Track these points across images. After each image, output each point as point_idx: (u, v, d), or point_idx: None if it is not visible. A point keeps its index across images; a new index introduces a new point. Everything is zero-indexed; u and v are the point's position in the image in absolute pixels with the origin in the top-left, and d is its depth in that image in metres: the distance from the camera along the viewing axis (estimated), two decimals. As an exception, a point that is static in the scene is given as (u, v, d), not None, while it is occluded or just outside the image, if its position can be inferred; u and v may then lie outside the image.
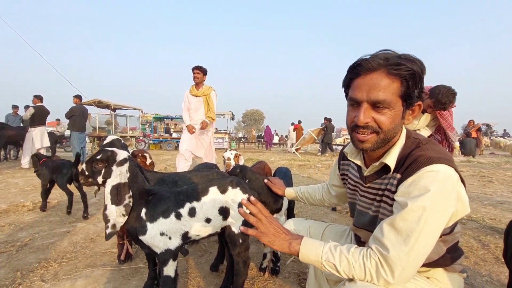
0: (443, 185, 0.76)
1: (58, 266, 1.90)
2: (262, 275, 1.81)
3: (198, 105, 4.13)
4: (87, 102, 11.32)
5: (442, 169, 0.78)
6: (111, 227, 1.19)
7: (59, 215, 3.03)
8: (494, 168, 7.52)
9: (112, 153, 1.23)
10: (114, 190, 1.19)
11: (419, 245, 0.76)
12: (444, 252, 0.90)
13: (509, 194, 4.29)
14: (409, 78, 0.83)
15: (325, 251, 0.86)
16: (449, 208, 0.78)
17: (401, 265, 0.77)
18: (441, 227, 0.79)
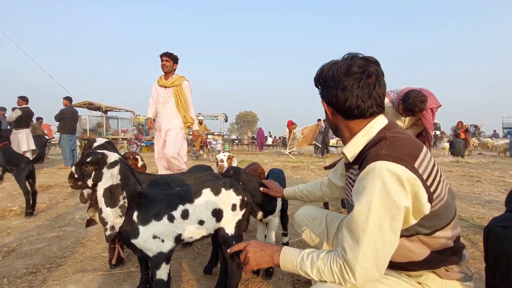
0: (385, 182, 0.77)
1: (47, 271, 1.86)
2: (256, 277, 1.80)
3: (167, 98, 3.48)
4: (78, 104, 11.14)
5: (384, 166, 0.78)
6: (110, 229, 1.17)
7: (48, 220, 2.97)
8: (482, 168, 7.70)
9: (102, 156, 1.21)
10: (107, 192, 1.17)
11: (373, 243, 0.77)
12: (428, 253, 0.88)
13: (497, 193, 4.39)
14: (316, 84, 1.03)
15: (299, 261, 0.90)
16: (398, 203, 0.77)
17: (360, 266, 0.78)
18: (393, 223, 0.78)
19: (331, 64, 0.95)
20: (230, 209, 1.38)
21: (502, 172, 6.70)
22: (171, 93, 3.47)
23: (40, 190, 4.41)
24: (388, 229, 0.77)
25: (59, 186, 4.69)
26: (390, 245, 0.79)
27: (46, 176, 5.92)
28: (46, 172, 6.52)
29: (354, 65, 0.90)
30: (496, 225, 0.87)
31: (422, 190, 0.79)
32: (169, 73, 3.49)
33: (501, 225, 0.86)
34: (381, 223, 0.77)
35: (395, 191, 0.77)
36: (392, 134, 0.90)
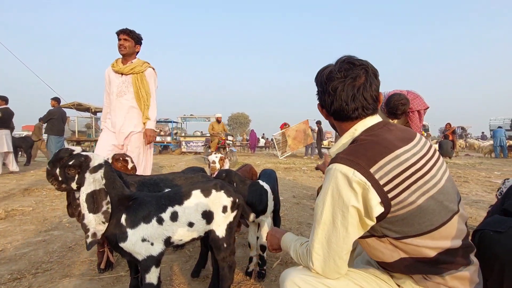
0: (336, 182, 0.84)
1: (33, 277, 1.80)
2: (248, 279, 1.79)
3: (124, 88, 2.61)
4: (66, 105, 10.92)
5: (338, 168, 0.84)
6: (92, 236, 1.13)
7: (34, 223, 2.88)
8: (469, 168, 7.88)
9: (85, 159, 1.17)
10: (90, 198, 1.14)
11: (325, 234, 0.86)
12: (400, 257, 0.87)
13: (483, 193, 4.49)
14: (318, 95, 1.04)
15: (292, 245, 1.04)
16: (346, 202, 0.82)
17: (315, 252, 0.88)
18: (344, 219, 0.83)
19: (322, 69, 1.00)
20: (221, 211, 1.36)
21: (488, 173, 6.87)
22: (130, 82, 2.61)
23: (26, 193, 4.30)
24: (339, 224, 0.84)
25: (46, 189, 4.57)
26: (342, 239, 0.84)
27: (33, 178, 5.76)
28: (33, 174, 6.35)
29: (337, 70, 0.93)
30: (489, 229, 0.87)
31: (373, 193, 0.80)
32: (129, 56, 2.63)
33: (493, 229, 0.87)
34: (334, 218, 0.85)
35: (344, 191, 0.82)
36: (364, 137, 0.92)
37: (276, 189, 2.13)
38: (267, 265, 1.88)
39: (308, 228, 2.81)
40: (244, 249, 2.24)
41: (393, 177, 0.81)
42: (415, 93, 2.78)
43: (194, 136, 15.36)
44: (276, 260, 2.04)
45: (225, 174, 1.71)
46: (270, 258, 2.08)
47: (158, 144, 14.64)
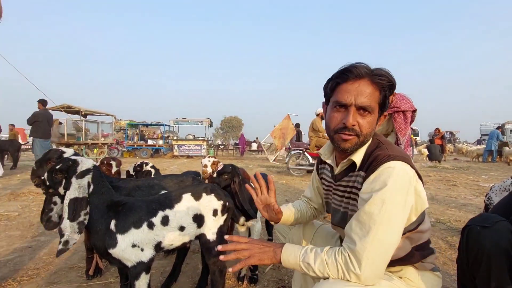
0: (399, 179, 0.83)
1: (17, 285, 1.74)
2: (240, 284, 1.77)
3: None
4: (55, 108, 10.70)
5: (398, 165, 0.85)
6: (63, 243, 1.09)
7: (19, 229, 2.80)
8: (458, 172, 8.04)
9: (73, 163, 1.14)
10: (72, 204, 1.10)
11: (382, 235, 0.81)
12: (411, 249, 0.95)
13: (472, 197, 4.59)
14: (387, 88, 0.92)
15: (302, 253, 0.91)
16: (408, 200, 0.84)
17: (367, 257, 0.80)
18: (402, 218, 0.84)
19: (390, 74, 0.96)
20: (211, 215, 1.35)
21: (476, 177, 7.02)
22: None
23: (12, 197, 4.18)
24: (396, 222, 0.83)
25: (32, 193, 4.45)
26: (394, 238, 0.83)
27: (19, 182, 5.61)
28: (19, 178, 6.18)
29: None
30: (476, 225, 0.89)
31: (420, 185, 0.88)
32: None
33: (480, 225, 0.89)
34: (392, 216, 0.81)
35: (405, 187, 0.84)
36: (383, 139, 0.98)
37: None
38: (259, 269, 1.86)
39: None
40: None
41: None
42: (402, 94, 2.76)
43: (186, 139, 15.23)
44: (269, 265, 2.03)
45: (232, 167, 1.70)
46: (262, 262, 2.06)
47: (149, 148, 14.48)
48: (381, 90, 0.92)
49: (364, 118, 0.92)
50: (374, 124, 0.95)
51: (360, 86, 0.91)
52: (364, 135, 0.94)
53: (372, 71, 0.91)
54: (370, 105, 0.91)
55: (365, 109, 0.91)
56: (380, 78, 0.90)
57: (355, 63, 0.93)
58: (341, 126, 0.94)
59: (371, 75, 0.91)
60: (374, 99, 0.92)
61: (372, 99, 0.91)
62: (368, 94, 0.90)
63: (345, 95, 0.92)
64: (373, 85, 0.91)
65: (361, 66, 0.91)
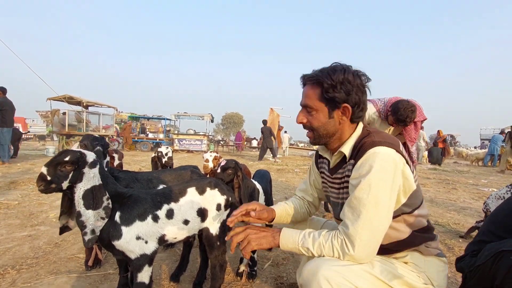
0: (384, 163, 0.91)
1: (17, 273, 1.74)
2: (239, 280, 1.77)
3: None
4: (57, 98, 10.69)
5: (382, 150, 0.93)
6: (90, 232, 1.09)
7: (19, 218, 2.80)
8: (458, 176, 8.04)
9: (81, 154, 1.13)
10: (89, 194, 1.10)
11: (372, 217, 0.89)
12: (411, 232, 1.02)
13: (471, 200, 4.59)
14: (322, 84, 1.02)
15: (301, 238, 0.99)
16: (394, 181, 0.91)
17: (360, 238, 0.89)
18: (390, 200, 0.91)
19: (349, 69, 1.03)
20: (215, 209, 1.35)
21: (475, 181, 7.02)
22: None
23: (12, 186, 4.18)
24: (385, 203, 0.90)
25: (33, 183, 4.44)
26: (385, 219, 0.92)
27: (19, 171, 5.61)
28: (19, 167, 6.18)
29: (361, 74, 1.04)
30: None
31: (408, 168, 0.95)
32: None
33: None
34: (379, 197, 0.89)
35: (391, 170, 0.91)
36: (372, 129, 1.06)
37: (269, 190, 2.13)
38: (258, 266, 1.87)
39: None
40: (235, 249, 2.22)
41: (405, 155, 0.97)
42: (415, 102, 2.68)
43: (187, 134, 15.23)
44: (267, 262, 2.03)
45: (235, 162, 1.70)
46: (261, 259, 2.07)
47: (150, 141, 14.48)
48: (322, 89, 1.02)
49: (310, 114, 1.08)
50: (323, 119, 1.06)
51: (305, 91, 1.09)
52: (316, 129, 1.08)
53: (310, 76, 1.07)
54: (311, 104, 1.06)
55: (309, 107, 1.07)
56: (310, 79, 1.06)
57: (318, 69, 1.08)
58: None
59: (308, 79, 1.07)
60: (314, 98, 1.05)
61: (312, 99, 1.05)
62: (308, 96, 1.07)
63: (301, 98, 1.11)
64: (313, 87, 1.06)
65: (305, 75, 1.10)
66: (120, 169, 1.99)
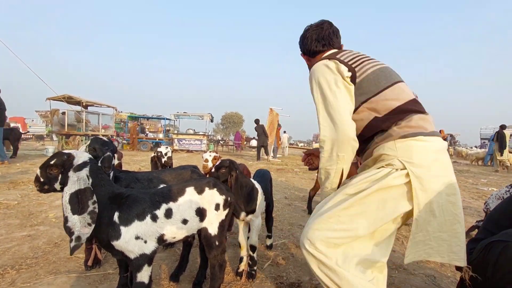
0: (319, 71, 1.25)
1: (16, 273, 1.74)
2: (238, 279, 1.77)
3: None
4: (56, 98, 10.68)
5: (317, 63, 1.27)
6: (75, 239, 1.05)
7: (19, 218, 2.80)
8: (457, 175, 8.03)
9: (68, 157, 1.12)
10: (74, 198, 1.07)
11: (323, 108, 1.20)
12: (374, 116, 1.18)
13: (470, 200, 4.60)
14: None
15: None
16: (329, 77, 1.20)
17: (322, 125, 1.19)
18: (331, 89, 1.18)
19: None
20: (213, 209, 1.35)
21: (475, 180, 7.03)
22: None
23: (12, 186, 4.18)
24: (329, 94, 1.18)
25: (31, 183, 4.44)
26: (336, 102, 1.16)
27: (19, 171, 5.60)
28: (19, 167, 6.18)
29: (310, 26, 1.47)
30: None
31: (343, 66, 1.20)
32: None
33: None
34: (324, 94, 1.20)
35: (326, 72, 1.22)
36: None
37: (269, 189, 2.12)
38: (257, 265, 1.87)
39: (300, 229, 2.82)
40: (235, 249, 2.22)
41: (351, 58, 1.24)
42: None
43: (187, 134, 15.22)
44: (267, 261, 2.03)
45: (229, 161, 1.70)
46: (261, 258, 2.07)
47: (150, 141, 14.47)
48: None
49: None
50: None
51: None
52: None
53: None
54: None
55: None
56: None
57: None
58: None
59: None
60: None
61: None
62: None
63: None
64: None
65: None
66: (120, 169, 1.99)
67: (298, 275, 1.86)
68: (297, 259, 2.10)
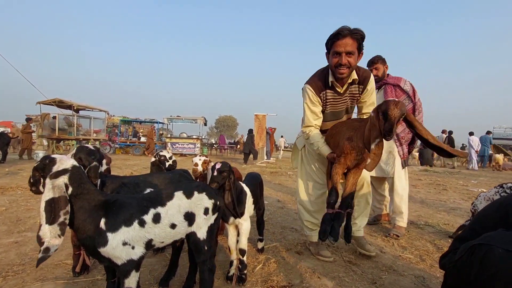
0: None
1: (2, 280, 1.71)
2: (229, 283, 1.77)
3: None
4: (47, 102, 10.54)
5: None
6: (43, 251, 1.00)
7: (6, 224, 2.74)
8: (448, 177, 8.18)
9: (49, 162, 1.09)
10: (48, 206, 1.03)
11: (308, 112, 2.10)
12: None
13: (461, 201, 4.67)
14: (360, 39, 1.85)
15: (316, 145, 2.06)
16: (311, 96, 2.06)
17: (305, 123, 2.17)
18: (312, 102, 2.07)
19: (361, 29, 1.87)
20: (202, 213, 1.35)
21: (465, 181, 7.15)
22: None
23: (0, 191, 4.09)
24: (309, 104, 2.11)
25: (21, 188, 4.36)
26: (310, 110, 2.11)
27: (7, 177, 5.50)
28: (8, 172, 6.06)
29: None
30: (499, 247, 0.86)
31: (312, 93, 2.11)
32: None
33: (505, 248, 0.85)
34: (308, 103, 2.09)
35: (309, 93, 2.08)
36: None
37: (258, 192, 2.12)
38: (248, 269, 1.86)
39: (292, 232, 2.83)
40: (226, 252, 2.21)
41: None
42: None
43: (180, 137, 15.13)
44: (258, 265, 2.03)
45: (228, 165, 1.70)
46: (252, 262, 2.07)
47: (142, 145, 14.35)
48: (357, 40, 1.84)
49: (350, 57, 1.85)
50: (356, 60, 1.89)
51: (346, 41, 1.82)
52: (352, 67, 1.89)
53: (351, 30, 1.81)
54: (352, 50, 1.83)
55: (350, 53, 1.83)
56: (355, 34, 1.81)
57: (341, 27, 1.82)
58: (338, 64, 1.87)
59: (351, 33, 1.81)
60: (354, 46, 1.84)
61: (353, 46, 1.83)
62: (350, 44, 1.82)
63: (338, 47, 1.84)
64: (352, 38, 1.82)
65: (345, 28, 1.81)
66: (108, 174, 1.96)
67: (289, 278, 1.86)
68: (288, 262, 2.10)
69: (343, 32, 1.78)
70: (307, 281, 1.83)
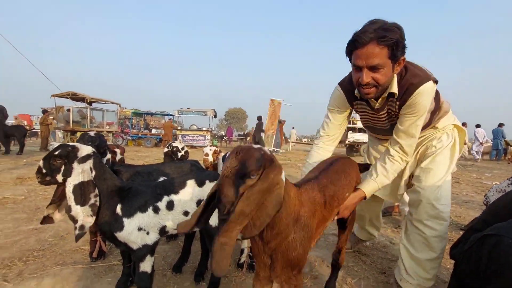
0: (426, 99, 1.27)
1: (23, 265, 1.79)
2: (240, 270, 1.81)
3: None
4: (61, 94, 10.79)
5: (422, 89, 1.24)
6: (79, 228, 1.10)
7: (26, 212, 2.86)
8: (461, 170, 8.00)
9: (73, 149, 1.13)
10: (77, 189, 1.10)
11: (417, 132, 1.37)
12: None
13: (473, 194, 4.57)
14: (392, 45, 1.11)
15: (377, 181, 1.36)
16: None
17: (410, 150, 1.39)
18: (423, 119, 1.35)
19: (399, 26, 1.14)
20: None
21: (479, 174, 6.99)
22: None
23: (19, 181, 4.26)
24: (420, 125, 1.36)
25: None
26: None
27: (25, 167, 5.70)
28: (25, 163, 6.28)
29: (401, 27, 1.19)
30: (509, 237, 0.86)
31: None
32: None
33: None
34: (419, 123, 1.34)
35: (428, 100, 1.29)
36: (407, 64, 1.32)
37: None
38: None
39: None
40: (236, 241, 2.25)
41: None
42: None
43: (190, 130, 15.28)
44: (268, 253, 2.06)
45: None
46: (262, 251, 2.10)
47: (153, 137, 14.56)
48: (388, 47, 1.11)
49: (377, 73, 1.18)
50: (389, 73, 1.20)
51: (368, 50, 1.12)
52: (382, 84, 1.22)
53: (377, 34, 1.10)
54: (379, 63, 1.14)
55: (375, 67, 1.15)
56: (383, 39, 1.09)
57: (362, 29, 1.13)
58: (359, 83, 1.23)
59: (375, 38, 1.10)
60: (382, 56, 1.13)
61: (380, 57, 1.13)
62: (375, 55, 1.12)
63: (357, 60, 1.17)
64: (379, 46, 1.11)
65: (366, 32, 1.11)
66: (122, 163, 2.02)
67: (298, 266, 1.89)
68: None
69: (362, 38, 1.11)
70: (316, 269, 1.85)
